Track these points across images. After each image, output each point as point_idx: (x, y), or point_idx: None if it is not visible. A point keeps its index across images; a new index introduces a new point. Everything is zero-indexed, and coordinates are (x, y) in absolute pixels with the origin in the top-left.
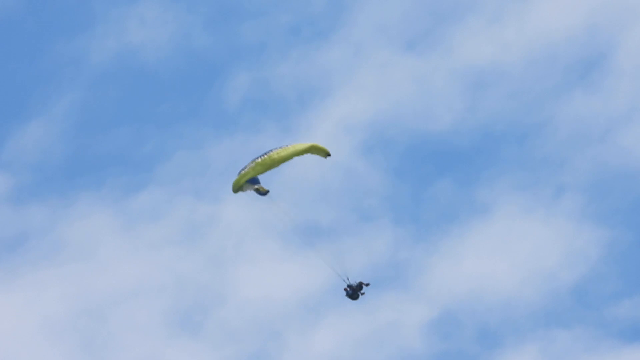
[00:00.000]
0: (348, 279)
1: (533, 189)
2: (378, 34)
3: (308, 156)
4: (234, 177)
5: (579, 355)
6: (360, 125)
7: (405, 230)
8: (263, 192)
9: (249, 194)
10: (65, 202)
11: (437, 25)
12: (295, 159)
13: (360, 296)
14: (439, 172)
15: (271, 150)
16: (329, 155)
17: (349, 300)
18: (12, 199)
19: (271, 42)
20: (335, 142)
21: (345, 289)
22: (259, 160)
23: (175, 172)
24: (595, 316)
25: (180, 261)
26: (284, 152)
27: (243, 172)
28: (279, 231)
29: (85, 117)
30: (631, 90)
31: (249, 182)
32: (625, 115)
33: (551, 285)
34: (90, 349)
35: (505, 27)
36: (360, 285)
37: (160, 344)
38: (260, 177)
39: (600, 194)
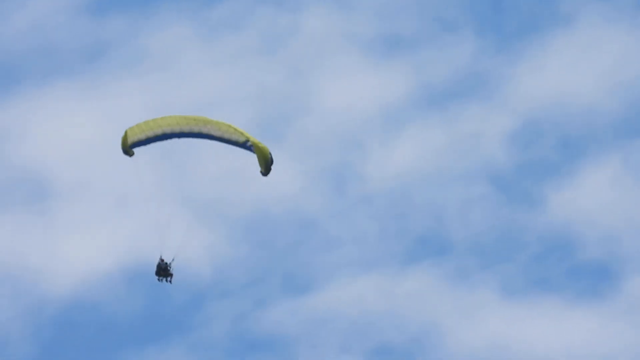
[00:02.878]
0: (163, 257)
1: None
2: None
3: None
4: None
5: None
6: None
7: (487, 41)
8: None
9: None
10: (146, 13)
11: None
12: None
13: (164, 278)
14: None
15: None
16: (267, 167)
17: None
18: (91, 9)
19: None
20: None
21: (161, 260)
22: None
23: None
24: None
25: (262, 71)
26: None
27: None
28: (361, 41)
29: None
30: None
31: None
32: None
33: (635, 95)
34: (170, 158)
35: None
36: (167, 269)
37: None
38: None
39: None
